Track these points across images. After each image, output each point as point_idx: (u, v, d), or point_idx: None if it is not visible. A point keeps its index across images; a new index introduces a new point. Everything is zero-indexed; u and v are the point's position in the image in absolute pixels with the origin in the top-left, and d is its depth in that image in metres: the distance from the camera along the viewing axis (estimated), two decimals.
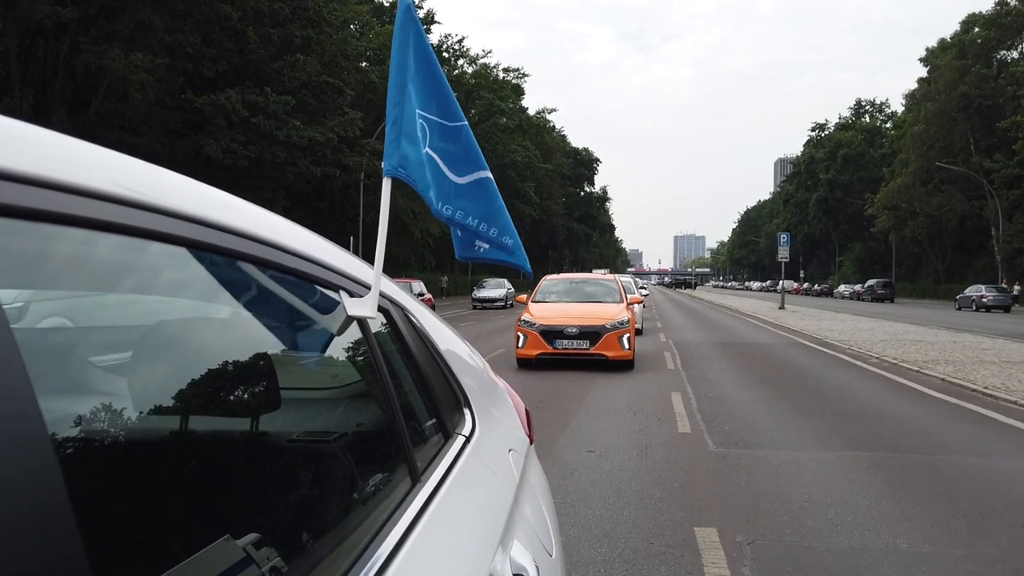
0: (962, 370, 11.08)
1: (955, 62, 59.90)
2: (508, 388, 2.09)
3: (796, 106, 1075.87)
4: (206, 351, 0.92)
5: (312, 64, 26.77)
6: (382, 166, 1.63)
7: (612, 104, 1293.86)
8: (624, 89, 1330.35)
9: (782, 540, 3.92)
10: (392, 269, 37.41)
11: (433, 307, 22.52)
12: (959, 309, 42.10)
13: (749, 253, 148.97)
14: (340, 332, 1.22)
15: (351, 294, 1.26)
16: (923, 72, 67.66)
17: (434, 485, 1.25)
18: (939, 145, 61.89)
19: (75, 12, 19.41)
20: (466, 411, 1.66)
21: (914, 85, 69.38)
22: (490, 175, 1.65)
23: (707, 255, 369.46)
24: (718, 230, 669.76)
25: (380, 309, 1.34)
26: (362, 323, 1.25)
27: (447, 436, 1.50)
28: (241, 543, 0.77)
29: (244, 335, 1.01)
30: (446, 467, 1.36)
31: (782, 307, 34.27)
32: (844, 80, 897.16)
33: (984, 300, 41.58)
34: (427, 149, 1.59)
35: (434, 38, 49.09)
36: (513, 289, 34.33)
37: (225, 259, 0.91)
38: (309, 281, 1.15)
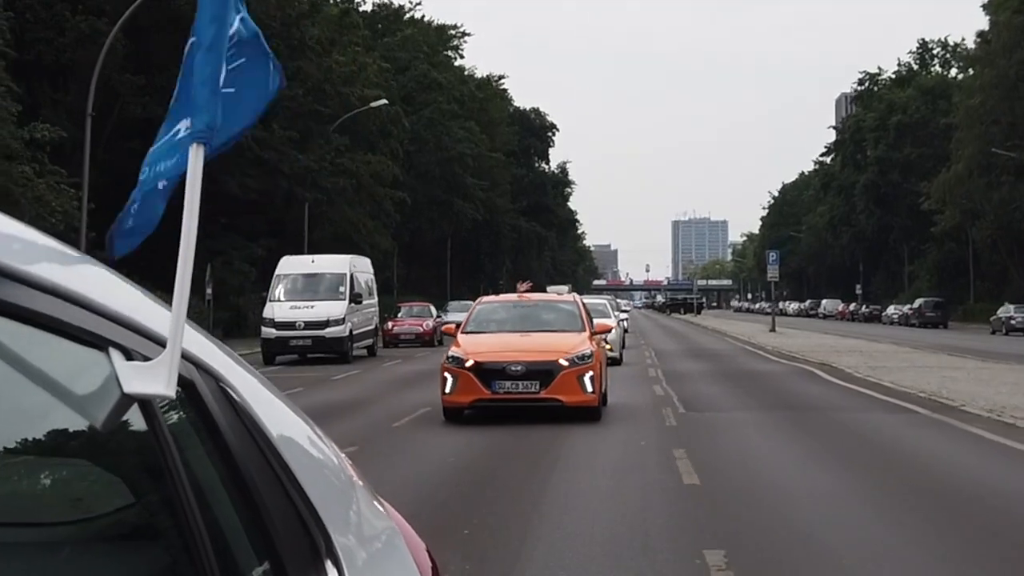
0: (805, 354, 33.19)
1: (1016, 17, 76.78)
2: (401, 521, 2.29)
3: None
4: None
5: (304, 96, 47.78)
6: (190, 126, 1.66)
7: (569, 4, 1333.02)
8: None
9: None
10: None
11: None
12: (993, 333, 62.94)
13: (785, 256, 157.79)
14: (108, 424, 1.25)
15: (129, 355, 1.30)
16: (984, 23, 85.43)
17: None
18: (1005, 121, 79.24)
19: (144, 79, 39.70)
20: (329, 565, 1.74)
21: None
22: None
23: (729, 255, 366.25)
24: (748, 213, 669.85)
25: (181, 382, 1.37)
26: (148, 407, 1.30)
27: None
28: None
29: None
30: None
31: (773, 329, 56.75)
32: None
33: (1013, 322, 62.99)
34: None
35: (367, 5, 71.43)
36: None
37: None
38: (50, 330, 1.19)
